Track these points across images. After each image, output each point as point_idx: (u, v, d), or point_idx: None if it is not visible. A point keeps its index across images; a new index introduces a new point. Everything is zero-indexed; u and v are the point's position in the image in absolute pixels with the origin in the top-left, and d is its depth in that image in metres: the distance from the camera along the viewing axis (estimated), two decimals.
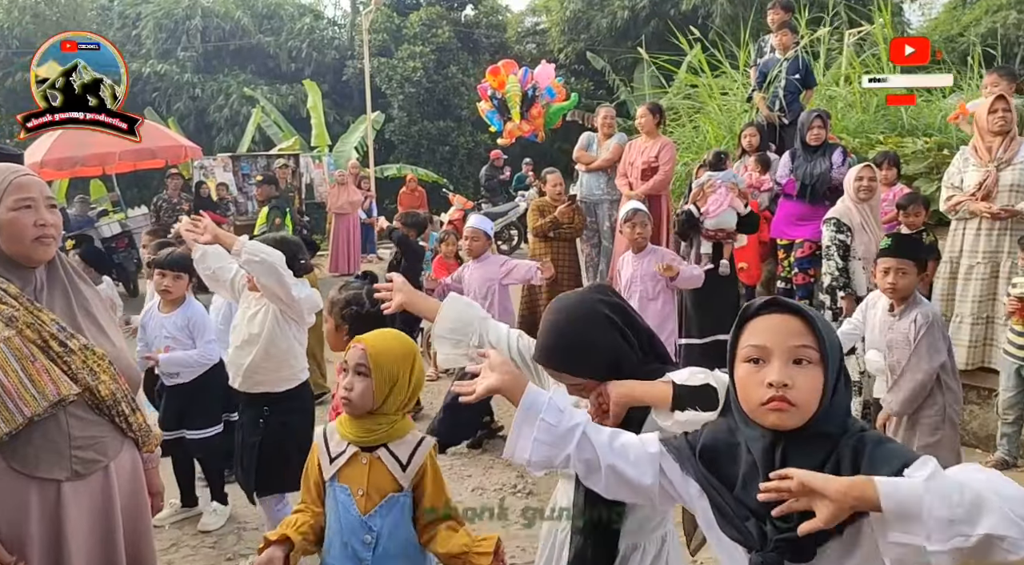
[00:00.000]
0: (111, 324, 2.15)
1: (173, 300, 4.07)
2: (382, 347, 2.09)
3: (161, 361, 3.98)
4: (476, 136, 23.71)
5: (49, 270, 2.07)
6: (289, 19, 24.40)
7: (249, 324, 3.49)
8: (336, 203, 12.23)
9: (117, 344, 2.12)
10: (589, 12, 25.04)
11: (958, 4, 26.11)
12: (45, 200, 2.02)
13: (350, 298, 2.79)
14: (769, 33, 7.40)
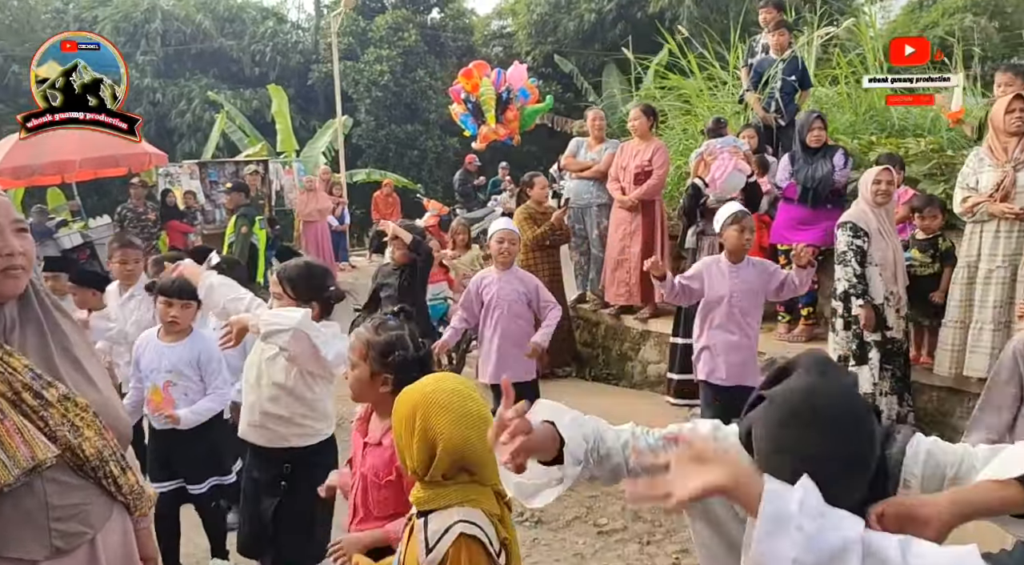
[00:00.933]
0: (95, 365, 1.82)
1: (180, 330, 3.64)
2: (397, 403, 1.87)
3: (183, 419, 3.47)
4: (445, 140, 23.42)
5: (21, 305, 1.73)
6: (252, 23, 23.91)
7: (269, 368, 3.04)
8: (305, 210, 11.85)
9: (103, 390, 1.79)
10: (556, 15, 24.91)
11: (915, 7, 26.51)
12: (12, 224, 1.69)
13: (392, 341, 2.31)
14: (759, 33, 7.22)
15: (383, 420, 2.29)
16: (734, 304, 4.42)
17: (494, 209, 13.58)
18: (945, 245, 5.16)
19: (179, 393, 3.53)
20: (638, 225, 6.65)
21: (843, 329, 4.99)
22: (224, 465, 3.75)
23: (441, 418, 1.76)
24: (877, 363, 4.85)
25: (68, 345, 1.76)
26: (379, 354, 2.28)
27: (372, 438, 2.33)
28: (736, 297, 4.41)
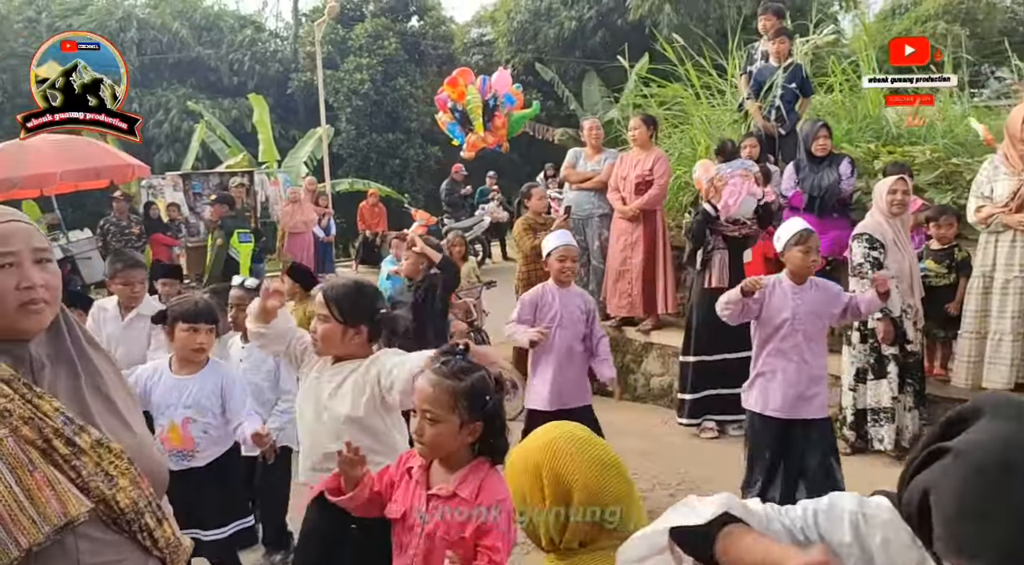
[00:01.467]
0: (129, 404, 1.66)
1: (199, 360, 3.25)
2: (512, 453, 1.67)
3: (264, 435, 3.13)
4: (426, 149, 23.26)
5: (50, 340, 1.58)
6: (229, 31, 23.63)
7: (332, 402, 2.69)
8: (290, 222, 11.64)
9: (138, 432, 1.64)
10: (536, 23, 24.85)
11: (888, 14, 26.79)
12: (33, 253, 1.53)
13: (480, 385, 2.04)
14: (757, 40, 7.15)
15: (453, 471, 2.08)
16: (796, 328, 3.94)
17: (482, 219, 13.48)
18: (961, 255, 5.10)
19: (199, 431, 3.18)
20: (639, 235, 6.55)
21: (860, 342, 4.91)
22: (247, 506, 3.48)
23: (572, 467, 1.56)
24: (896, 377, 4.78)
25: (101, 383, 1.61)
26: (470, 403, 2.02)
27: (442, 489, 2.07)
28: (799, 320, 3.93)
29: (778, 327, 3.96)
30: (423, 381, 2.07)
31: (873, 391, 4.88)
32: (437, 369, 2.06)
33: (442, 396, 2.01)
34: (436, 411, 2.01)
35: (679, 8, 22.97)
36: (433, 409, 2.02)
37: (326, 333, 2.67)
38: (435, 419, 2.02)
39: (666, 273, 6.56)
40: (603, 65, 24.37)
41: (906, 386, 4.82)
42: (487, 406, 2.03)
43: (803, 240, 3.95)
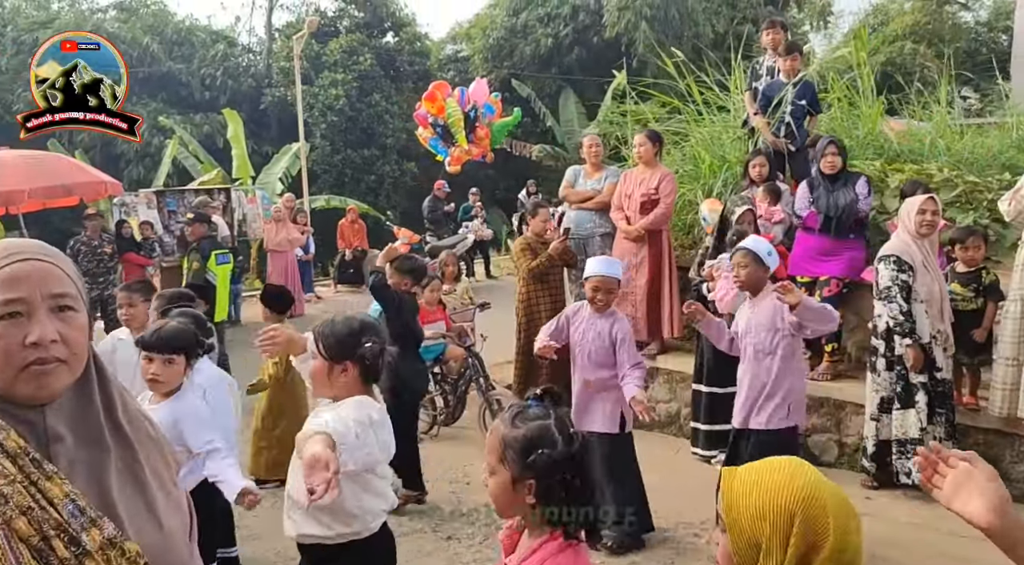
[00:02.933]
0: (163, 486, 1.35)
1: (158, 391, 3.09)
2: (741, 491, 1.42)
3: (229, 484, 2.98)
4: (402, 165, 23.02)
5: (73, 406, 1.27)
6: (201, 46, 23.23)
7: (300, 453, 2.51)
8: (273, 240, 11.26)
9: (166, 525, 1.31)
10: (512, 40, 24.78)
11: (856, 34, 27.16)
12: (49, 300, 1.24)
13: (533, 436, 1.75)
14: (762, 55, 6.99)
15: (531, 538, 1.80)
16: (749, 341, 4.11)
17: (466, 236, 13.20)
18: (988, 278, 4.92)
19: None
20: (644, 256, 6.33)
21: (885, 369, 4.70)
22: (230, 536, 3.38)
23: (830, 523, 1.35)
24: (925, 407, 4.57)
25: (134, 462, 1.30)
26: (517, 454, 1.75)
27: (512, 560, 1.85)
28: (751, 333, 4.09)
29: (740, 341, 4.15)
30: (491, 427, 1.86)
31: (899, 421, 4.67)
32: (505, 416, 1.84)
33: (493, 442, 1.80)
34: (491, 461, 1.80)
35: (655, 26, 23.00)
36: (489, 458, 1.81)
37: (313, 371, 2.65)
38: (491, 470, 1.80)
39: (672, 296, 6.33)
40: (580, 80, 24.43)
41: (936, 416, 4.61)
42: (537, 461, 1.72)
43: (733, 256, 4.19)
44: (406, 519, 4.81)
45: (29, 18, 21.63)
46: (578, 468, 1.75)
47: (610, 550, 4.24)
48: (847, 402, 5.40)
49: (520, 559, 1.79)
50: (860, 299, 5.67)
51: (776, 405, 4.02)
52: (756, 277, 4.07)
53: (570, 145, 22.26)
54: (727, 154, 7.20)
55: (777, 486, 1.40)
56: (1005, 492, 1.30)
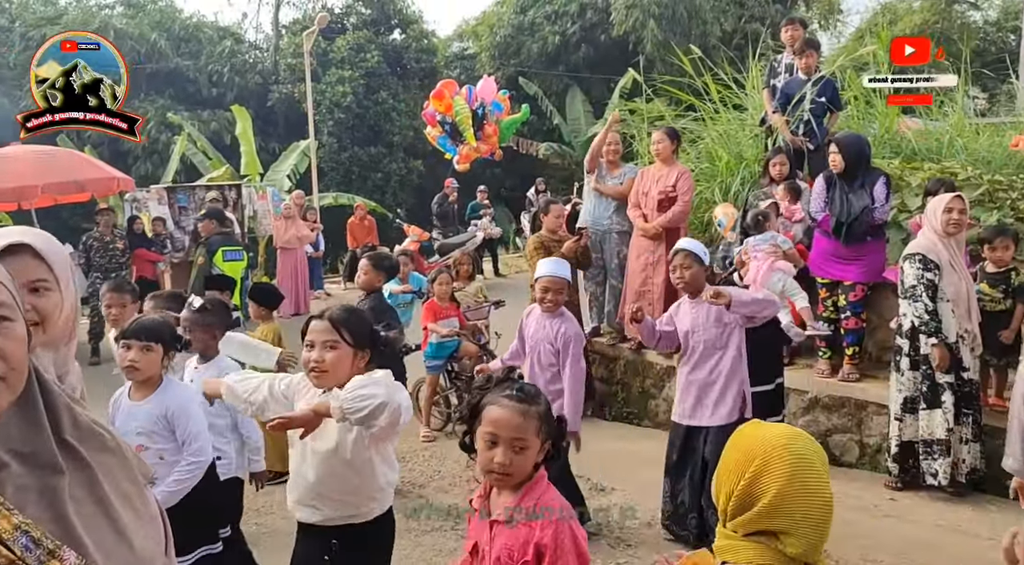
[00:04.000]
0: (137, 507, 1.22)
1: (145, 381, 3.06)
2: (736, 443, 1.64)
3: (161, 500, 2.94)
4: (409, 162, 22.98)
5: (17, 428, 1.14)
6: (208, 42, 23.20)
7: (318, 439, 2.57)
8: (283, 237, 11.23)
9: (139, 547, 1.19)
10: (519, 37, 24.72)
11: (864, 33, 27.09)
12: None
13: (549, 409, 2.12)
14: (780, 53, 6.94)
15: (510, 495, 2.05)
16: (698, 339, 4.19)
17: (475, 234, 13.16)
18: (1018, 279, 4.86)
19: (153, 457, 3.00)
20: (661, 254, 6.27)
21: (910, 369, 4.66)
22: (214, 531, 3.26)
23: (777, 483, 1.49)
24: (951, 407, 4.52)
25: (93, 483, 1.17)
26: (549, 425, 2.06)
27: (501, 514, 2.04)
28: (698, 333, 4.19)
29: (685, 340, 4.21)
30: (506, 411, 2.00)
31: (925, 422, 4.62)
32: (515, 396, 2.02)
33: (531, 423, 2.00)
34: (527, 438, 2.00)
35: (662, 24, 22.92)
36: (525, 437, 1.99)
37: (338, 360, 2.52)
38: (524, 447, 2.00)
39: None
40: (587, 78, 24.38)
41: (963, 416, 4.57)
42: (559, 425, 2.11)
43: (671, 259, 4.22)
44: (424, 517, 4.78)
45: (36, 14, 21.61)
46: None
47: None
48: (869, 402, 5.35)
49: (514, 503, 2.02)
50: (881, 299, 5.62)
51: (733, 399, 4.12)
52: (698, 276, 4.15)
53: (576, 143, 22.23)
54: (744, 152, 7.15)
55: (755, 437, 1.57)
56: None
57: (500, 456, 1.97)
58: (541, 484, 2.04)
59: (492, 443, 1.99)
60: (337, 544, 2.57)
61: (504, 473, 1.99)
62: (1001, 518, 4.42)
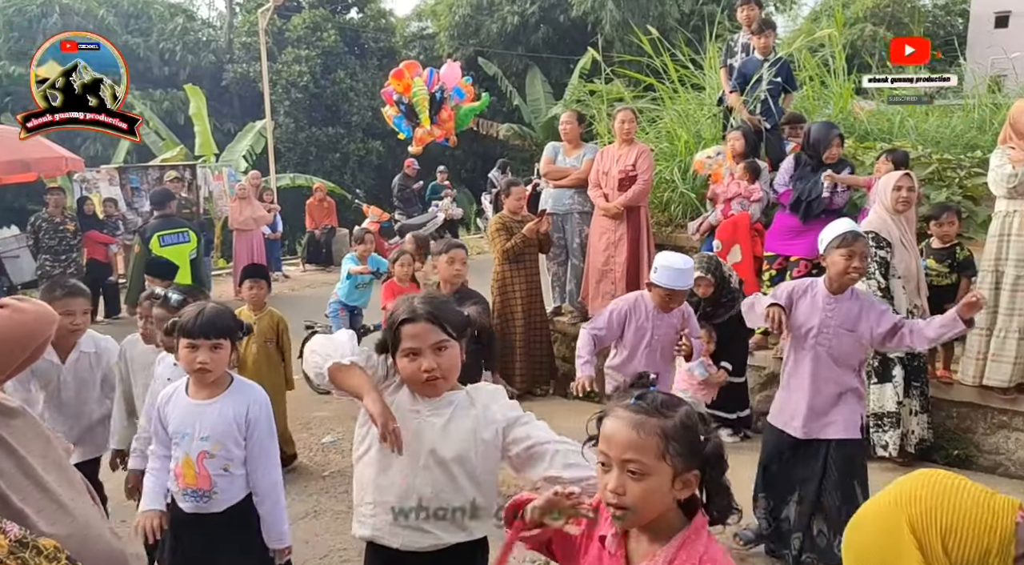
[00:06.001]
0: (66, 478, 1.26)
1: (213, 381, 2.71)
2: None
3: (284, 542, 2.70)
4: (368, 143, 22.78)
5: None
6: (159, 19, 22.67)
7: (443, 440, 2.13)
8: (239, 219, 11.06)
9: (79, 514, 1.24)
10: (478, 17, 24.57)
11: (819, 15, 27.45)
12: None
13: (692, 421, 1.56)
14: (737, 32, 7.01)
15: (656, 544, 1.57)
16: (822, 342, 3.55)
17: (436, 215, 13.11)
18: (962, 255, 5.01)
19: (217, 467, 2.64)
20: (623, 234, 6.32)
21: None
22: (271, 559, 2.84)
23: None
24: (902, 381, 4.65)
25: (23, 456, 1.21)
26: (684, 445, 1.53)
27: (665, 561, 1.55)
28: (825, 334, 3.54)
29: (804, 337, 3.57)
30: (617, 423, 1.55)
31: (877, 395, 4.74)
32: (634, 406, 1.56)
33: (650, 440, 1.52)
34: (644, 461, 1.51)
35: (621, 5, 22.96)
36: (640, 459, 1.51)
37: (453, 361, 2.13)
38: (642, 472, 1.51)
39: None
40: (547, 59, 24.33)
41: (912, 389, 4.70)
42: (706, 447, 1.55)
43: (849, 244, 3.42)
44: None
45: None
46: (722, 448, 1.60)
47: None
48: None
49: (665, 559, 1.54)
50: None
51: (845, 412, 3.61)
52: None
53: (536, 124, 22.22)
54: (702, 131, 7.22)
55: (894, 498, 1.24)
56: None
57: (612, 481, 1.54)
58: (698, 539, 1.55)
59: (603, 464, 1.58)
60: None
61: (622, 505, 1.53)
62: None
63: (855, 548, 1.22)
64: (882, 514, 1.18)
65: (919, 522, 1.13)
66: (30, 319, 1.51)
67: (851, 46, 22.12)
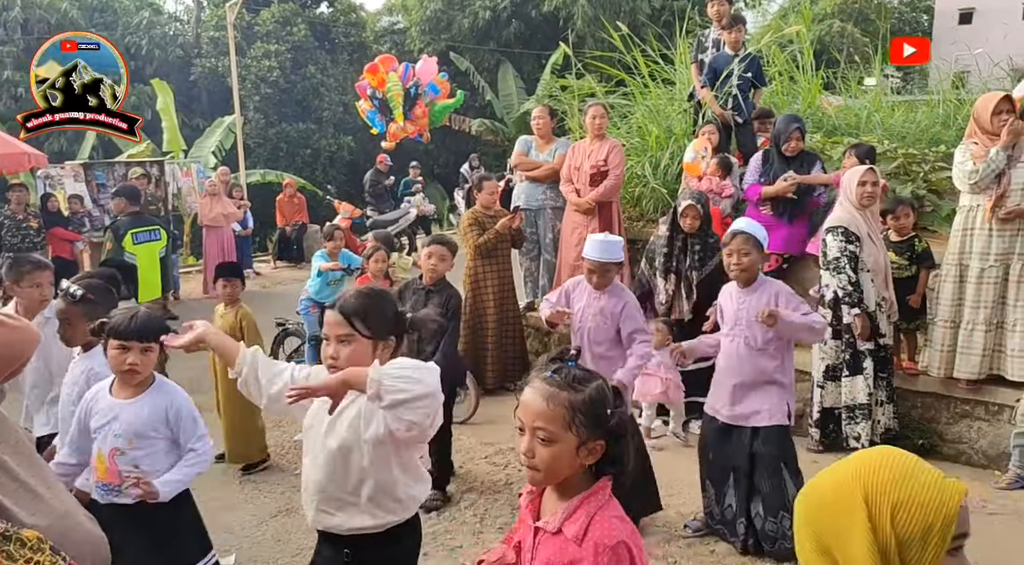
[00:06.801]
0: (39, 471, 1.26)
1: (139, 382, 2.83)
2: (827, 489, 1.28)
3: (160, 491, 2.71)
4: (339, 139, 22.61)
5: None
6: (124, 13, 22.32)
7: (328, 435, 2.29)
8: (208, 215, 10.93)
9: (56, 504, 1.25)
10: (450, 12, 24.49)
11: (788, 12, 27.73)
12: None
13: (601, 395, 1.71)
14: (708, 27, 7.05)
15: (563, 500, 1.74)
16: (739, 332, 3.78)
17: (408, 211, 13.06)
18: (921, 246, 5.09)
19: (127, 463, 2.75)
20: (594, 228, 6.31)
21: (832, 338, 4.83)
22: (190, 553, 2.91)
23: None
24: (871, 372, 4.72)
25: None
26: (591, 417, 1.68)
27: (548, 524, 1.74)
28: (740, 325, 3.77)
29: (728, 329, 3.85)
30: (533, 393, 1.71)
31: (848, 388, 4.80)
32: (549, 379, 1.72)
33: (558, 411, 1.68)
34: (552, 429, 1.68)
35: (592, 0, 23.00)
36: (547, 427, 1.68)
37: (355, 356, 2.22)
38: (550, 439, 1.68)
39: (624, 267, 6.38)
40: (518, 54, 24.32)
41: (879, 380, 4.77)
42: (611, 421, 1.70)
43: (726, 243, 3.73)
44: None
45: None
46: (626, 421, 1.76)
47: None
48: (798, 371, 5.51)
49: (563, 517, 1.72)
50: (803, 270, 5.81)
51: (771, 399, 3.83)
52: (756, 263, 3.82)
53: (509, 120, 22.20)
54: (673, 127, 7.26)
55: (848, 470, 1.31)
56: None
57: (523, 445, 1.72)
58: (595, 502, 1.71)
59: (519, 429, 1.74)
60: (350, 553, 2.32)
61: (531, 466, 1.71)
62: None
63: (808, 511, 1.29)
64: (840, 483, 1.25)
65: (873, 494, 1.21)
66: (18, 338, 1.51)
67: (819, 42, 22.38)
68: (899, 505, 1.19)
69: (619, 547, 1.64)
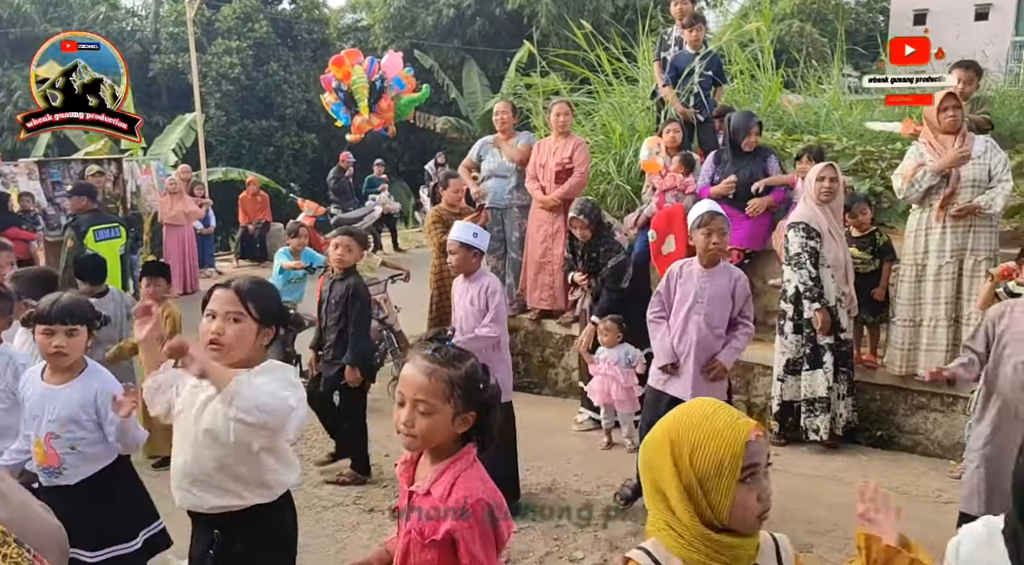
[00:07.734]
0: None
1: (69, 366, 2.87)
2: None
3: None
4: (302, 136, 22.41)
5: None
6: (80, 8, 21.90)
7: (198, 420, 2.36)
8: (169, 213, 10.76)
9: (12, 496, 1.25)
10: (413, 9, 24.38)
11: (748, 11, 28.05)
12: None
13: (475, 371, 1.90)
14: (671, 26, 7.10)
15: (435, 464, 1.91)
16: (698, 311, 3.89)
17: (373, 209, 12.99)
18: (882, 240, 5.19)
19: (64, 446, 2.81)
20: (560, 226, 6.36)
21: (793, 333, 4.91)
22: (126, 531, 3.02)
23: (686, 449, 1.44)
24: (831, 366, 4.80)
25: None
26: (467, 391, 1.87)
27: (420, 486, 1.91)
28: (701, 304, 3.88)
29: (685, 308, 3.91)
30: (414, 369, 1.89)
31: (808, 381, 4.88)
32: (430, 356, 1.89)
33: (439, 385, 1.86)
34: (431, 401, 1.85)
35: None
36: (428, 399, 1.85)
37: (240, 333, 2.33)
38: (429, 410, 1.85)
39: None
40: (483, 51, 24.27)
41: (840, 374, 4.86)
42: (484, 394, 1.91)
43: (706, 223, 3.79)
44: (326, 493, 4.74)
45: None
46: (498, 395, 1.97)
47: None
48: (755, 364, 5.61)
49: (432, 479, 1.88)
50: (765, 264, 5.90)
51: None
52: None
53: (474, 117, 22.15)
54: (637, 124, 7.31)
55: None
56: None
57: (403, 415, 1.87)
58: (459, 465, 1.89)
59: (400, 402, 1.89)
60: (220, 534, 2.39)
61: (410, 434, 1.87)
62: (870, 465, 4.76)
63: (642, 458, 1.51)
64: (656, 435, 1.47)
65: (676, 439, 1.42)
66: None
67: (779, 41, 22.69)
68: (696, 447, 1.39)
69: (478, 505, 1.82)
